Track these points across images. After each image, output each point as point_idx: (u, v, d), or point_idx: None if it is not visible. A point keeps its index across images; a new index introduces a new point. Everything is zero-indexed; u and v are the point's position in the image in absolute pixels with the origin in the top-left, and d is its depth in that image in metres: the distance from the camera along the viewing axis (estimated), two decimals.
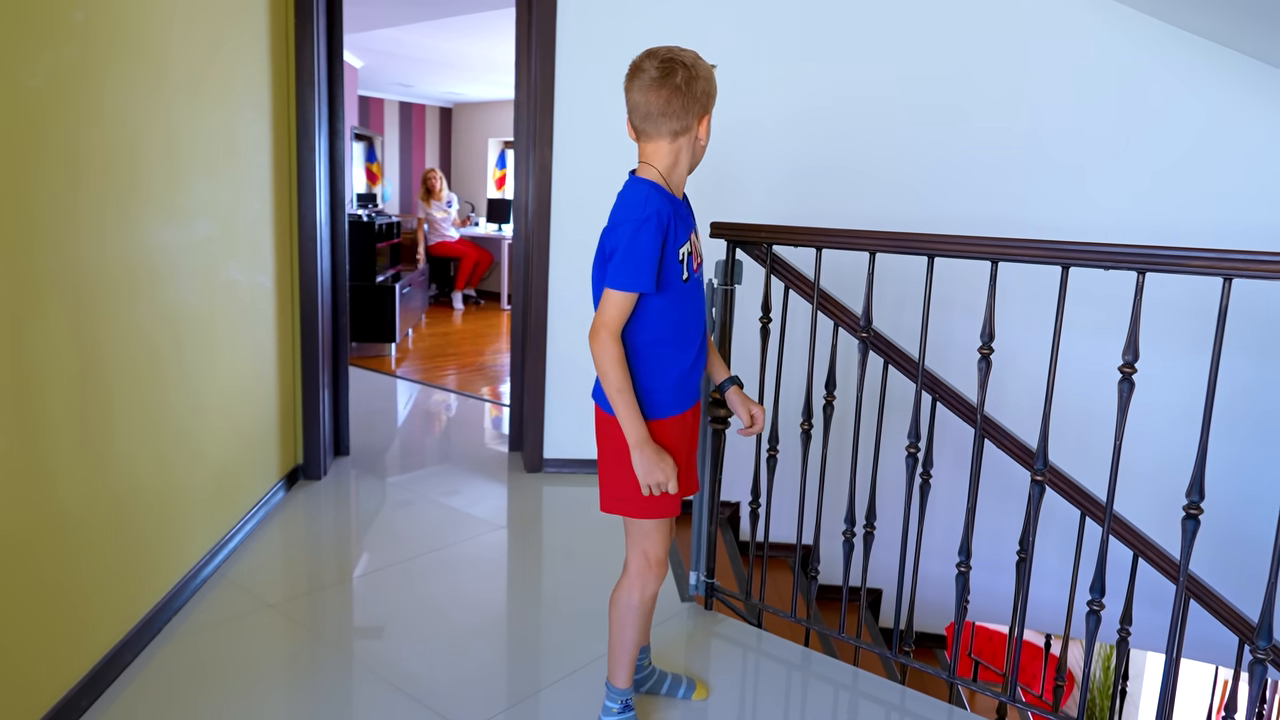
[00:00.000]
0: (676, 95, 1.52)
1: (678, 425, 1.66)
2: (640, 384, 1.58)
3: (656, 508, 1.63)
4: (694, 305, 1.65)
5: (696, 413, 1.77)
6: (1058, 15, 3.34)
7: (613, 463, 1.64)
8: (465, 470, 3.59)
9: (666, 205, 1.54)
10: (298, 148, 3.09)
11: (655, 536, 1.69)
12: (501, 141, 9.71)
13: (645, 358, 1.59)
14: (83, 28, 1.75)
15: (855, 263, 2.26)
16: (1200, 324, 2.14)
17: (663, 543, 1.70)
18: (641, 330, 1.57)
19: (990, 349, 1.87)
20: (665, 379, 1.62)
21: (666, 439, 1.61)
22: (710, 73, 1.57)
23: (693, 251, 1.63)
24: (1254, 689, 1.62)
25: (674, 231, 1.55)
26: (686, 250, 1.60)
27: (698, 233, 1.70)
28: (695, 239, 1.67)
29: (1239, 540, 3.23)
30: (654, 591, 1.73)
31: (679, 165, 1.60)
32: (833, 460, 2.27)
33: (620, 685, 1.76)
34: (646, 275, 1.51)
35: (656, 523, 1.67)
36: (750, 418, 1.82)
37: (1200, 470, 1.61)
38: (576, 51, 3.31)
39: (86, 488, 1.82)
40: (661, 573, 1.72)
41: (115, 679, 1.92)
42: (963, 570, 2.00)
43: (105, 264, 1.86)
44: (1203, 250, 1.55)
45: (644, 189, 1.56)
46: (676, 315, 1.60)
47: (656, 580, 1.72)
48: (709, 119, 1.59)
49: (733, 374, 1.87)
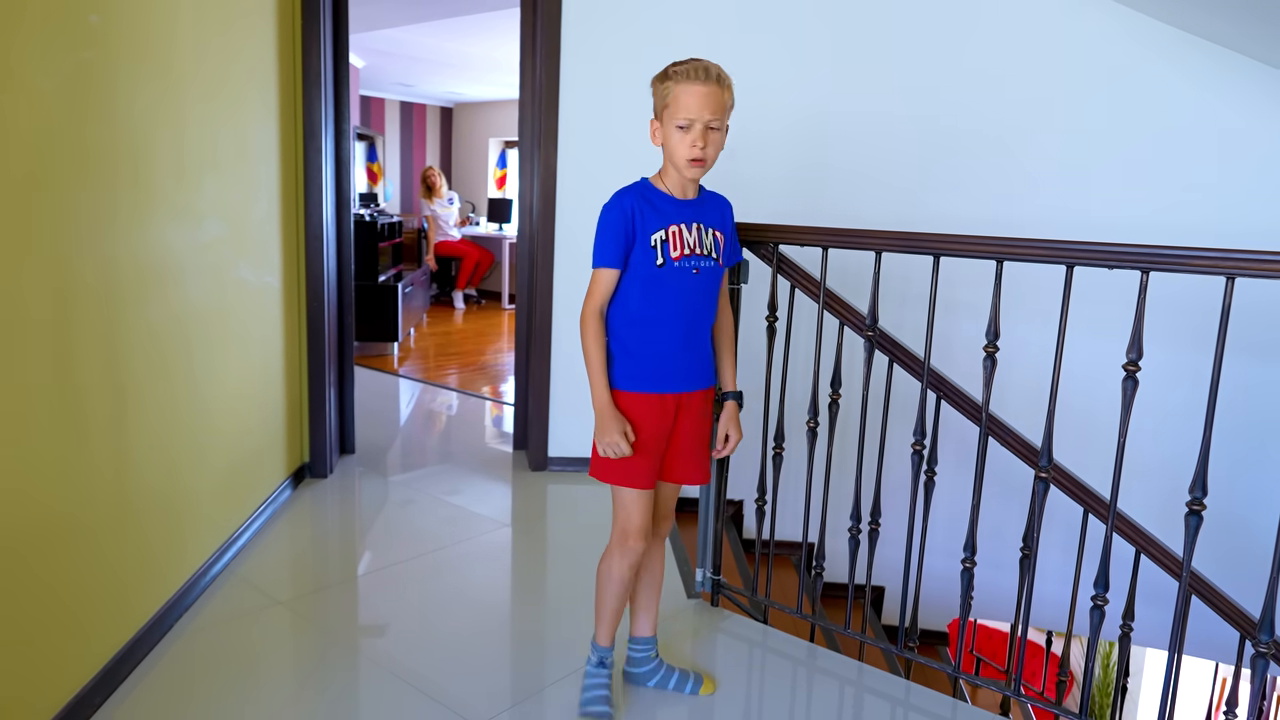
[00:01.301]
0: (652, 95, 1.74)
1: (649, 403, 1.77)
2: (613, 355, 1.76)
3: (619, 474, 1.77)
4: (673, 292, 1.75)
5: (689, 401, 1.82)
6: (1059, 18, 3.36)
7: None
8: (469, 469, 3.61)
9: (631, 196, 1.73)
10: (304, 148, 3.11)
11: (629, 509, 1.80)
12: (502, 141, 9.72)
13: (619, 335, 1.77)
14: (96, 30, 1.76)
15: (860, 262, 2.28)
16: (1203, 323, 2.16)
17: (636, 516, 1.80)
18: (619, 309, 1.76)
19: (995, 347, 1.89)
20: (637, 356, 1.76)
21: (632, 412, 1.76)
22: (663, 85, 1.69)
23: (670, 240, 1.72)
24: (1256, 684, 1.64)
25: (640, 219, 1.71)
26: (660, 238, 1.72)
27: (705, 228, 1.77)
28: (683, 231, 1.74)
29: (1240, 538, 3.25)
30: (629, 563, 1.83)
31: (667, 166, 1.76)
32: (837, 458, 2.28)
33: (600, 642, 1.91)
34: (600, 252, 1.72)
35: (630, 495, 1.79)
36: (725, 439, 1.92)
37: (1203, 467, 1.63)
38: (581, 51, 3.33)
39: (97, 486, 1.83)
40: (635, 546, 1.81)
41: (128, 675, 1.94)
42: (967, 566, 2.02)
43: (116, 264, 1.87)
44: (1206, 250, 1.57)
45: (624, 188, 1.76)
46: (651, 298, 1.74)
47: (631, 552, 1.82)
48: (659, 123, 1.72)
49: (737, 390, 1.93)
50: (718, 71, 1.67)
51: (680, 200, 1.76)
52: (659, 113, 1.71)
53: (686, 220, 1.75)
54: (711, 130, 1.67)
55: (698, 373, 1.83)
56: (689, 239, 1.74)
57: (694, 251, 1.75)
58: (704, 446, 1.90)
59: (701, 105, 1.65)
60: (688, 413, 1.83)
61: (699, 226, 1.76)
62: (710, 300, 1.82)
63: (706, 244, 1.77)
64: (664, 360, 1.77)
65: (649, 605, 1.99)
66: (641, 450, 1.76)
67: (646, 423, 1.77)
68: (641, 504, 1.80)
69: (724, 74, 1.69)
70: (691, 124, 1.66)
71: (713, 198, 1.85)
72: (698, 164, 1.69)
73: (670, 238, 1.73)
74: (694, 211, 1.77)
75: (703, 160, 1.69)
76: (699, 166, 1.70)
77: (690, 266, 1.75)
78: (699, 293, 1.78)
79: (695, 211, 1.77)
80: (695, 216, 1.76)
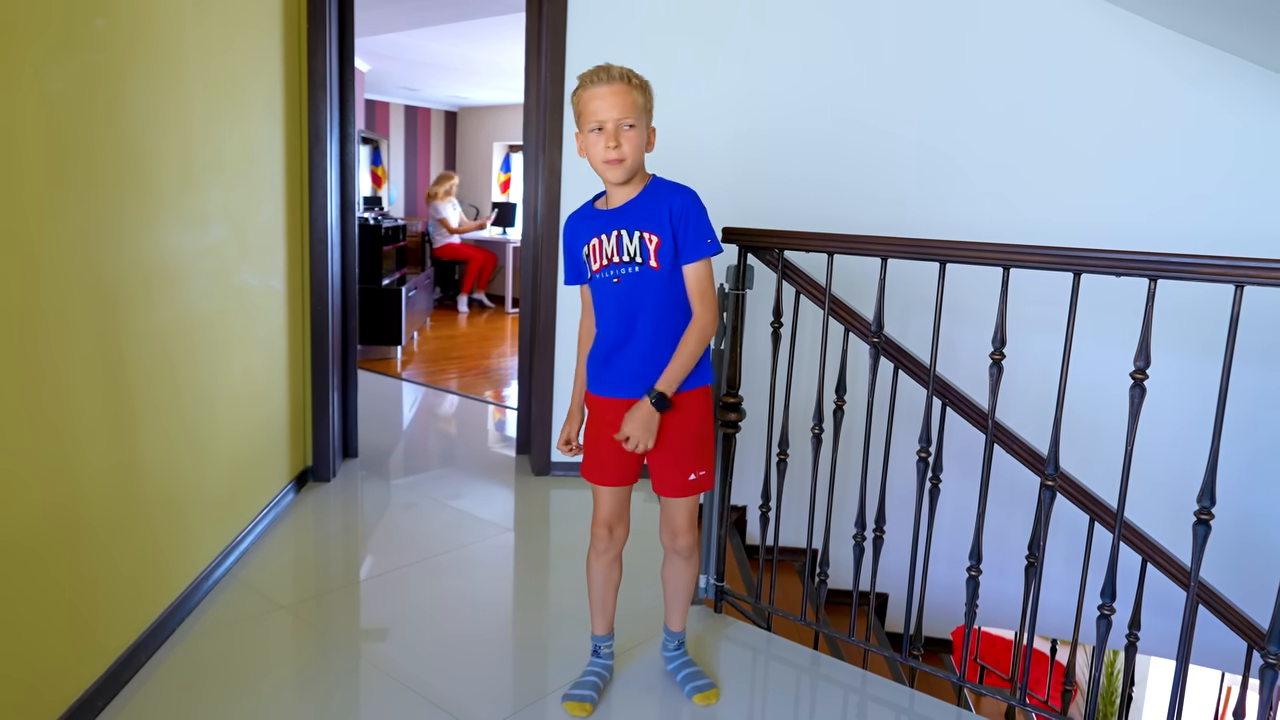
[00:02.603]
0: None
1: (595, 404, 1.88)
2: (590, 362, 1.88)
3: (584, 468, 1.91)
4: (606, 301, 1.80)
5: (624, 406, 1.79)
6: (1063, 24, 3.36)
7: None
8: (472, 473, 3.60)
9: (574, 216, 1.85)
10: (309, 151, 3.11)
11: (595, 501, 1.92)
12: (506, 145, 9.73)
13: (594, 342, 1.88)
14: (103, 33, 1.76)
15: (866, 269, 2.27)
16: (1211, 331, 2.15)
17: (599, 509, 1.91)
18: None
19: (1002, 355, 1.88)
20: (590, 358, 1.88)
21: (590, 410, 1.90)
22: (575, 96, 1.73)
23: (590, 253, 1.79)
24: (1265, 695, 1.62)
25: (574, 237, 1.82)
26: (585, 251, 1.80)
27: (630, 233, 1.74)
28: (602, 242, 1.76)
29: (1248, 548, 3.24)
30: (597, 553, 1.94)
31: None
32: (842, 464, 2.27)
33: (593, 631, 2.02)
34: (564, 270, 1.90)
35: (594, 489, 1.91)
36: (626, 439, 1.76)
37: (1211, 475, 1.62)
38: (586, 55, 3.32)
39: (101, 489, 1.83)
40: (599, 535, 1.92)
41: (130, 679, 1.94)
42: (972, 574, 2.01)
43: (122, 267, 1.87)
44: (1214, 258, 1.56)
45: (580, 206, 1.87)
46: (597, 307, 1.84)
47: (597, 540, 1.93)
48: (581, 136, 1.75)
49: (658, 391, 1.75)
50: (622, 71, 1.68)
51: (605, 211, 1.79)
52: (578, 123, 1.74)
53: (606, 230, 1.76)
54: (628, 129, 1.68)
55: (636, 380, 1.77)
56: (607, 248, 1.76)
57: (611, 260, 1.76)
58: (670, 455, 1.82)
59: (610, 105, 1.66)
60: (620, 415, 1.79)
61: (619, 233, 1.75)
62: (653, 305, 1.75)
63: (630, 250, 1.74)
64: (601, 365, 1.84)
65: (673, 605, 2.04)
66: (592, 446, 1.88)
67: (599, 422, 1.86)
68: (601, 497, 1.90)
69: (633, 74, 1.70)
70: (603, 125, 1.67)
71: (651, 196, 1.75)
72: (615, 164, 1.69)
73: (590, 250, 1.79)
74: (615, 219, 1.76)
75: (620, 160, 1.69)
76: (617, 166, 1.70)
77: (610, 276, 1.77)
78: (630, 299, 1.76)
79: (617, 219, 1.76)
80: (615, 224, 1.76)
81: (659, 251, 1.73)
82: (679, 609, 2.04)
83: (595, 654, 2.02)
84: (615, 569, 1.97)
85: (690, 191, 1.78)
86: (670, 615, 2.06)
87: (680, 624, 2.06)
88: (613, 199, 1.79)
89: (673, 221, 1.73)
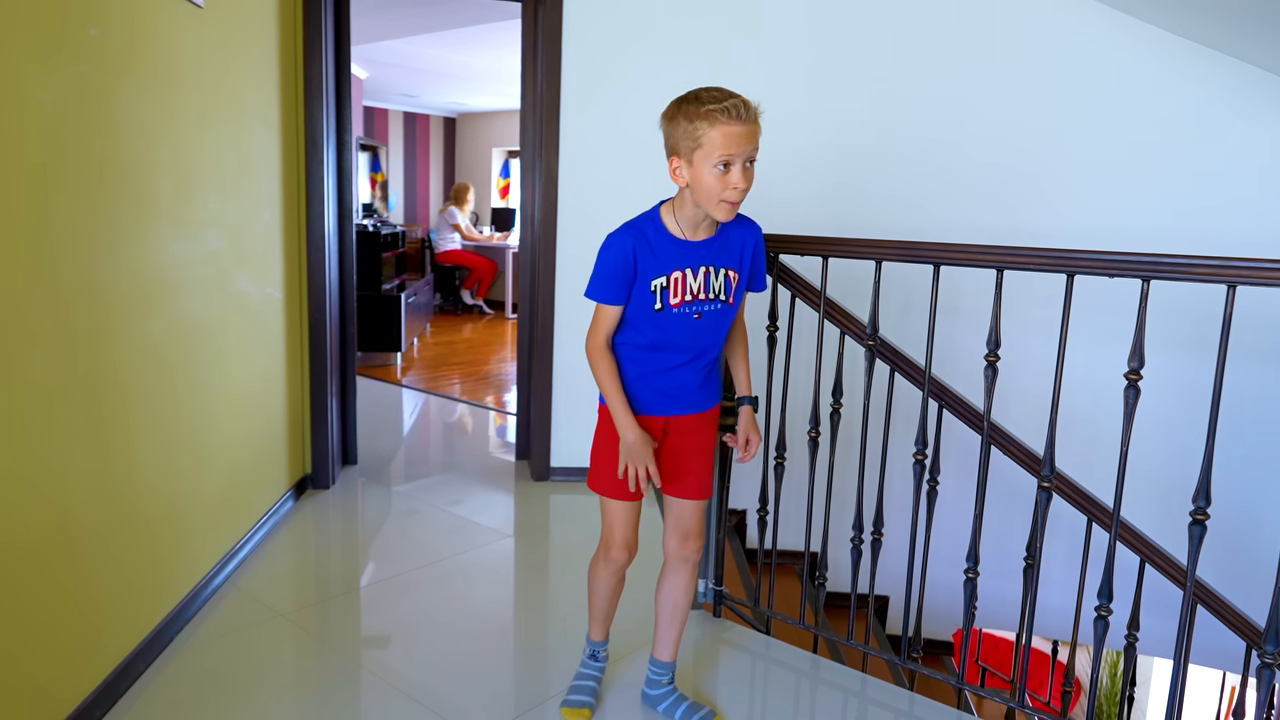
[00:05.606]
0: (663, 129, 1.61)
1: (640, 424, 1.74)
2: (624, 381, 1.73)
3: (609, 487, 1.77)
4: (671, 334, 1.68)
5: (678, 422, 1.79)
6: (1063, 29, 3.36)
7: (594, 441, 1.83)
8: (472, 479, 3.60)
9: (631, 237, 1.64)
10: (306, 160, 3.12)
11: (613, 520, 1.82)
12: (505, 151, 9.75)
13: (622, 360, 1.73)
14: (96, 43, 1.77)
15: (861, 272, 2.27)
16: (1205, 331, 2.15)
17: (618, 529, 1.81)
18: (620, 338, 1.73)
19: (996, 356, 1.88)
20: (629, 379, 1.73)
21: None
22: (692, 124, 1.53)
23: (670, 286, 1.64)
24: (1262, 693, 1.62)
25: (641, 262, 1.63)
26: (661, 284, 1.64)
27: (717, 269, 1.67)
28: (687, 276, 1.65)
29: (1244, 547, 3.24)
30: (612, 571, 1.86)
31: (683, 202, 1.64)
32: (839, 467, 2.28)
33: (591, 636, 1.99)
34: (602, 289, 1.66)
35: (615, 507, 1.80)
36: (747, 443, 1.86)
37: (1206, 475, 1.62)
38: (582, 61, 3.34)
39: (100, 498, 1.83)
40: (617, 556, 1.83)
41: (128, 689, 1.94)
42: (970, 576, 2.01)
43: (119, 276, 1.88)
44: (1207, 259, 1.56)
45: (630, 222, 1.68)
46: (645, 333, 1.69)
47: (613, 562, 1.84)
48: (683, 162, 1.57)
49: (752, 395, 1.88)
50: (754, 108, 1.57)
51: (686, 241, 1.65)
52: (685, 151, 1.56)
53: (694, 264, 1.65)
54: (749, 165, 1.57)
55: (691, 398, 1.78)
56: (693, 284, 1.65)
57: (697, 297, 1.66)
58: (701, 462, 1.85)
59: (743, 143, 1.53)
60: (676, 432, 1.79)
61: (708, 270, 1.66)
62: (715, 335, 1.74)
63: (715, 287, 1.67)
64: (656, 387, 1.74)
65: (668, 631, 1.92)
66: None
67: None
68: (624, 516, 1.81)
69: (756, 108, 1.58)
70: (732, 162, 1.54)
71: (736, 229, 1.71)
72: (734, 206, 1.58)
73: (671, 284, 1.64)
74: (704, 253, 1.66)
75: (741, 201, 1.59)
76: (734, 208, 1.59)
77: (691, 312, 1.67)
78: (701, 333, 1.70)
79: (706, 253, 1.66)
80: (705, 259, 1.66)
81: (737, 288, 1.73)
82: (673, 634, 1.92)
83: (593, 657, 2.00)
84: (622, 581, 1.94)
85: (759, 226, 1.78)
86: (661, 642, 1.93)
87: (672, 653, 1.93)
88: (699, 230, 1.66)
89: (750, 256, 1.74)
